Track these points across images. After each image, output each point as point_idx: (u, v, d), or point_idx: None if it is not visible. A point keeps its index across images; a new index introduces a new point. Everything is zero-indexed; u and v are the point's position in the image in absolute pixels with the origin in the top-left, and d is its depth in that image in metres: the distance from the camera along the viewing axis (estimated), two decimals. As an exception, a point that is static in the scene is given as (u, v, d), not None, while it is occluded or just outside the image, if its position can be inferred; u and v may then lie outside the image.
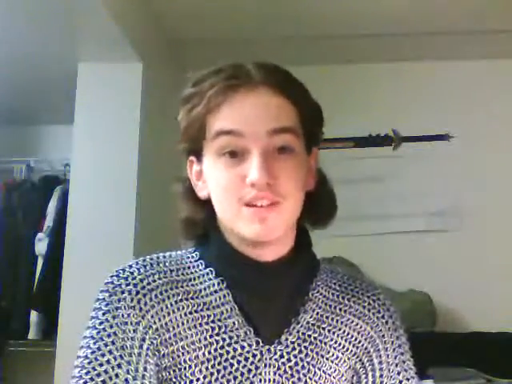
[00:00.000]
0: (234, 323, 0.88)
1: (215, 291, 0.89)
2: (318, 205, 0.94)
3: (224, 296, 0.89)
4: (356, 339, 0.94)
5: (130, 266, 0.90)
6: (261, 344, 0.88)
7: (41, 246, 3.14)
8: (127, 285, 0.87)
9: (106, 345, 0.83)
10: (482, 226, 3.00)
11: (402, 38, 2.95)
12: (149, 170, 2.73)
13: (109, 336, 0.84)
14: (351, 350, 0.93)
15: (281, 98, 0.87)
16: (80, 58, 2.74)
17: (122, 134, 2.70)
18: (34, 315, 3.09)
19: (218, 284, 0.89)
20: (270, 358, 0.88)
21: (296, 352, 0.89)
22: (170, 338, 0.87)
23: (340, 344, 0.93)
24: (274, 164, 0.84)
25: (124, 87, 2.72)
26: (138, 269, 0.90)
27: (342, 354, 0.93)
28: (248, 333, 0.88)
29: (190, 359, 0.86)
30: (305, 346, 0.90)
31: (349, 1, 2.68)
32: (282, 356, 0.89)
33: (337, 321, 0.94)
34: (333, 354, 0.92)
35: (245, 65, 0.89)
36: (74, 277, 2.59)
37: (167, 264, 0.92)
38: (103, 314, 0.86)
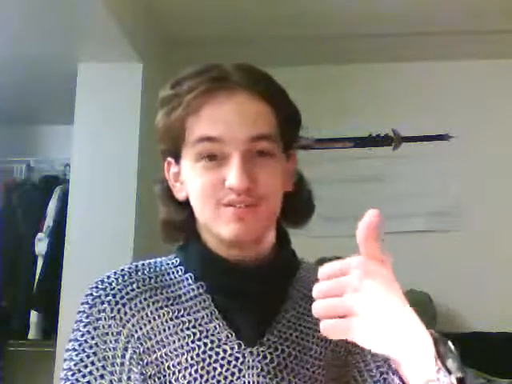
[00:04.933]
0: (214, 327, 0.88)
1: (195, 296, 0.90)
2: (296, 205, 0.95)
3: (204, 300, 0.89)
4: None
5: (109, 277, 0.91)
6: (243, 347, 0.88)
7: (41, 246, 3.14)
8: (106, 295, 0.88)
9: (87, 356, 0.84)
10: (482, 225, 3.00)
11: (402, 38, 2.95)
12: (149, 169, 2.73)
13: (90, 347, 0.85)
14: (335, 343, 0.93)
15: (260, 104, 0.88)
16: (80, 58, 2.74)
17: (122, 134, 2.71)
18: (33, 315, 3.09)
19: (198, 288, 0.90)
20: (253, 360, 0.88)
21: (278, 352, 0.89)
22: (152, 346, 0.87)
23: (322, 339, 0.92)
24: (253, 168, 0.86)
25: (124, 87, 2.72)
26: (117, 279, 0.90)
27: (326, 348, 0.93)
28: (229, 336, 0.88)
29: (173, 365, 0.86)
30: (287, 346, 0.90)
31: (349, 1, 2.68)
32: (264, 357, 0.88)
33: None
34: (316, 351, 0.92)
35: (224, 67, 0.89)
36: (73, 277, 2.59)
37: (146, 272, 0.92)
38: (84, 325, 0.87)
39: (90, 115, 2.75)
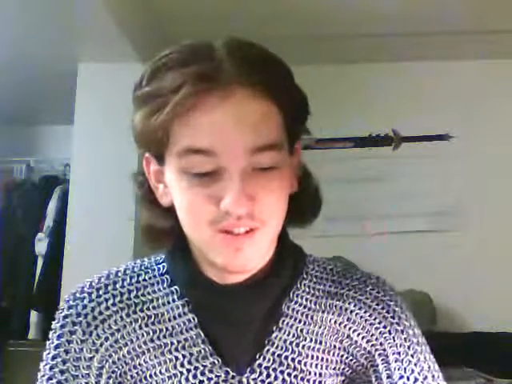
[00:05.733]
0: (199, 352, 0.78)
1: (179, 315, 0.79)
2: (302, 205, 0.81)
3: (189, 321, 0.79)
4: (340, 348, 0.82)
5: (82, 290, 0.83)
6: (231, 375, 0.78)
7: (41, 246, 3.14)
8: (78, 315, 0.81)
9: (58, 382, 0.79)
10: (482, 225, 3.00)
11: (402, 38, 2.95)
12: (149, 170, 2.73)
13: (61, 373, 0.79)
14: (336, 361, 0.82)
15: (262, 101, 0.71)
16: (80, 58, 2.74)
17: (121, 134, 2.70)
18: (33, 315, 3.10)
19: (183, 306, 0.79)
20: None
21: (271, 379, 0.78)
22: (129, 369, 0.80)
23: (323, 359, 0.81)
24: (255, 185, 0.71)
25: (124, 87, 2.70)
26: (90, 293, 0.82)
27: (326, 367, 0.81)
28: (216, 363, 0.77)
29: None
30: (281, 371, 0.79)
31: (349, 0, 2.67)
32: None
33: (321, 334, 0.82)
34: (315, 374, 0.80)
35: (214, 54, 0.73)
36: (73, 277, 2.58)
37: (126, 283, 0.82)
38: (55, 347, 0.82)
39: (89, 115, 2.75)
